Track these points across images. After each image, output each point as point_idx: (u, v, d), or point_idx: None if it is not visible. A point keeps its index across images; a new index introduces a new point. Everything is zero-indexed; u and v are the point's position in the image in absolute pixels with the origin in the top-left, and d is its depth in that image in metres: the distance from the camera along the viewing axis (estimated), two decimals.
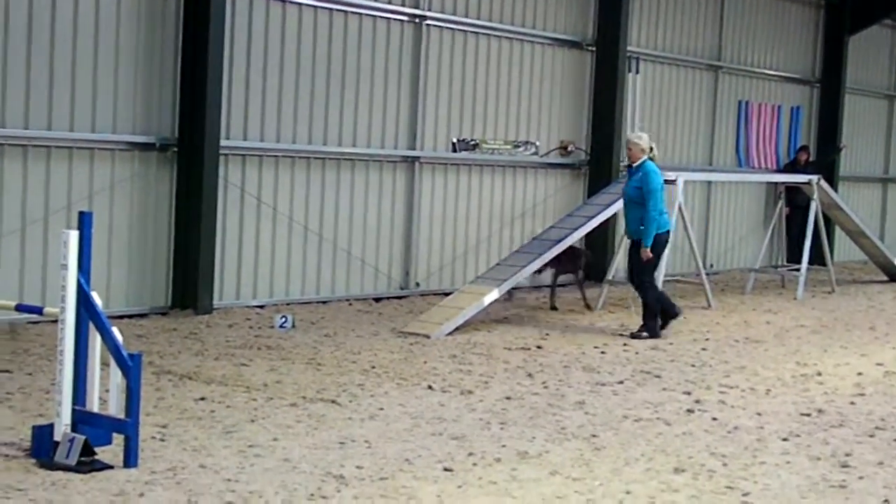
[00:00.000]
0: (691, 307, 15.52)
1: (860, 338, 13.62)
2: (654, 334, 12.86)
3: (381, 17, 14.88)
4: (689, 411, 9.27)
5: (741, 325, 14.22)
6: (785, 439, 8.44)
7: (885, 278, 20.05)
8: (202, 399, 8.88)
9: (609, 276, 15.48)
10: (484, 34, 16.23)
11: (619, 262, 15.91)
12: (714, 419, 9.01)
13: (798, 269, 17.42)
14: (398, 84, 15.18)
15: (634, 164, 12.97)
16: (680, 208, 15.21)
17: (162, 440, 7.61)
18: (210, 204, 12.89)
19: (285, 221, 14.01)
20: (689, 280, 17.20)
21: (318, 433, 8.04)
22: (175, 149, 12.86)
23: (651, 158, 12.96)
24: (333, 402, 9.01)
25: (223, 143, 13.07)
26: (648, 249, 12.77)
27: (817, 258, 18.08)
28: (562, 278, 15.24)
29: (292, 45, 13.92)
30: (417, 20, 15.31)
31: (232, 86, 13.31)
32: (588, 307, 14.87)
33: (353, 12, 14.54)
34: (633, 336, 12.83)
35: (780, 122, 22.08)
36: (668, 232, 13.12)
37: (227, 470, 7.01)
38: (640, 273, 12.98)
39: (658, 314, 13.04)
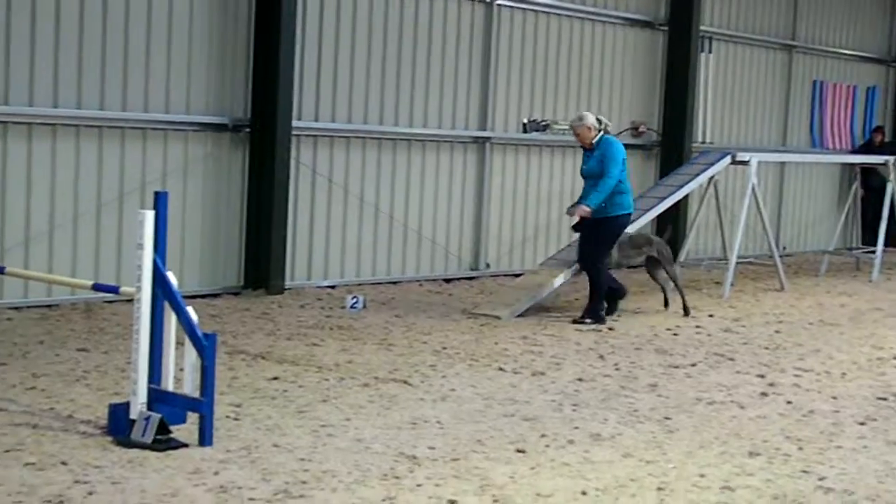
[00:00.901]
0: (764, 289, 15.40)
1: None
2: (598, 320, 12.12)
3: None
4: (763, 394, 9.17)
5: (815, 307, 14.07)
6: (861, 423, 8.34)
7: None
8: (275, 379, 8.93)
9: (681, 259, 15.35)
10: (555, 14, 16.14)
11: (691, 245, 15.81)
12: (788, 402, 8.92)
13: (873, 252, 17.19)
14: (469, 65, 15.14)
15: (593, 143, 12.25)
16: (753, 189, 15.05)
17: (236, 419, 7.67)
18: (282, 184, 12.95)
19: (356, 202, 14.05)
20: (762, 262, 17.05)
21: (390, 413, 8.05)
22: (247, 129, 12.93)
23: (607, 132, 12.28)
24: (405, 382, 9.02)
25: (295, 123, 13.11)
26: (589, 208, 11.96)
27: (893, 240, 17.82)
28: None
29: (363, 26, 13.93)
30: (488, 1, 15.25)
31: (304, 67, 13.35)
32: (685, 311, 13.09)
33: None
34: (577, 322, 12.08)
35: (855, 102, 21.78)
36: (629, 215, 12.39)
37: (300, 449, 7.05)
38: (593, 255, 12.24)
39: (603, 299, 12.34)
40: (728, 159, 14.97)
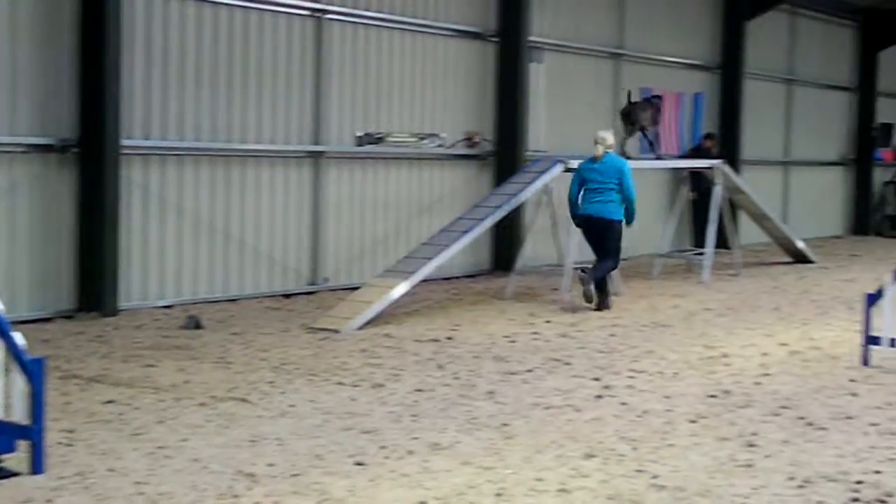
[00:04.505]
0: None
1: (765, 318, 13.83)
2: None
3: (281, 12, 14.80)
4: (599, 397, 9.35)
5: (649, 309, 14.36)
6: (693, 421, 8.55)
7: (789, 259, 20.41)
8: (110, 402, 8.78)
9: (517, 266, 15.55)
10: (385, 27, 16.20)
11: (528, 252, 15.99)
12: (623, 404, 9.10)
13: (703, 254, 17.62)
14: (301, 79, 15.11)
15: None
16: None
17: (69, 445, 7.52)
18: (112, 205, 12.73)
19: (191, 220, 13.89)
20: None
21: (229, 432, 7.99)
22: (75, 150, 12.68)
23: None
24: (243, 400, 8.96)
25: (124, 142, 12.90)
26: None
27: (722, 242, 18.30)
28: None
29: (192, 42, 13.79)
30: (318, 14, 15.24)
31: (132, 85, 13.15)
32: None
33: (253, 8, 14.44)
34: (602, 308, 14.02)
35: (682, 108, 22.30)
36: (583, 217, 14.25)
37: (136, 472, 6.95)
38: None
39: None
40: (560, 167, 15.21)
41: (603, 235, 14.12)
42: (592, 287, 13.83)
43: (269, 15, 14.66)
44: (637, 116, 16.77)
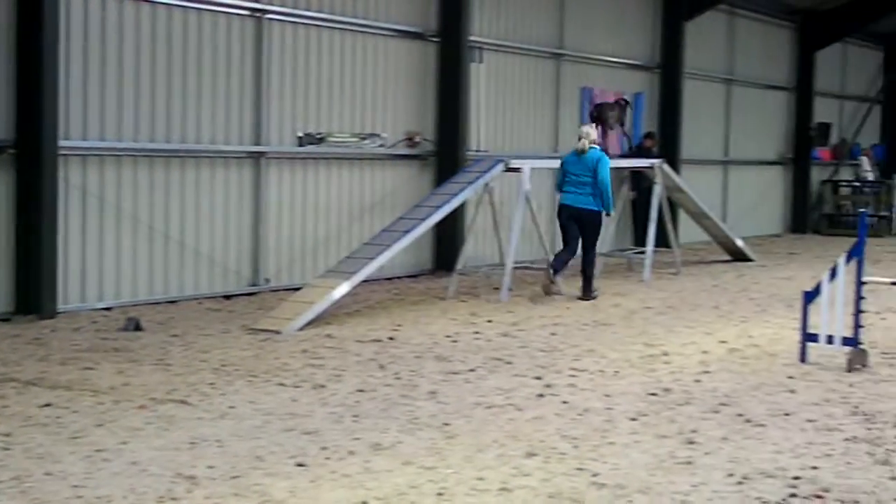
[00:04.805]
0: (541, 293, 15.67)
1: (705, 317, 13.93)
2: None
3: (221, 12, 14.71)
4: (540, 396, 9.37)
5: (590, 308, 14.42)
6: (633, 419, 8.60)
7: (728, 258, 20.58)
8: (47, 405, 8.69)
9: (459, 266, 15.56)
10: (326, 27, 16.16)
11: (469, 252, 16.02)
12: (564, 402, 9.13)
13: (644, 252, 17.73)
14: (241, 79, 15.03)
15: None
16: (526, 196, 15.37)
17: (6, 449, 7.43)
18: (50, 206, 12.61)
19: (130, 222, 13.77)
20: (539, 267, 17.37)
21: (168, 434, 7.93)
22: (12, 151, 12.54)
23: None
24: (183, 402, 8.90)
25: (62, 143, 12.78)
26: None
27: (663, 240, 18.41)
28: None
29: (130, 41, 13.68)
30: (258, 14, 15.17)
31: (70, 85, 13.02)
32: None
33: (192, 8, 14.34)
34: (586, 299, 15.01)
35: None
36: (561, 205, 15.10)
37: (74, 476, 6.88)
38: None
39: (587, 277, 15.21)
40: (501, 167, 15.26)
41: (579, 226, 15.01)
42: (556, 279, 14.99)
43: (209, 14, 14.57)
44: (605, 116, 17.12)
